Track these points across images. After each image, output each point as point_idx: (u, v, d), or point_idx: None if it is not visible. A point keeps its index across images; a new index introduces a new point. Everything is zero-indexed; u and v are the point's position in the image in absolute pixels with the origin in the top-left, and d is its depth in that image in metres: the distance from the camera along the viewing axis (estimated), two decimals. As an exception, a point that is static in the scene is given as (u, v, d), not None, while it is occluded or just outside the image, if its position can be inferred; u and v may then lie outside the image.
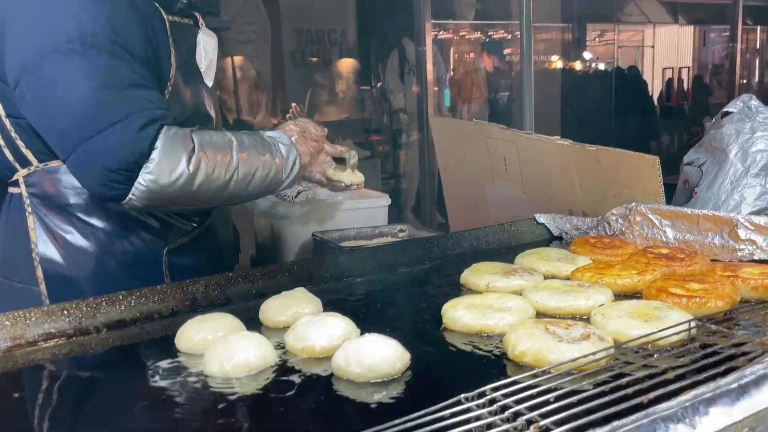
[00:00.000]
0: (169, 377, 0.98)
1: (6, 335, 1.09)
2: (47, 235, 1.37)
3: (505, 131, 1.87)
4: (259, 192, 1.44)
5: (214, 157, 1.32)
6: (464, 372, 0.97)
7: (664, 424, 0.66)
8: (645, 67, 11.65)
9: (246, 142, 1.39)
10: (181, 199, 1.32)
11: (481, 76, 7.93)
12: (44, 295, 1.38)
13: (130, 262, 1.41)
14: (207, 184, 1.32)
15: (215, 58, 1.54)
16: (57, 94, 1.23)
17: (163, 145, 1.25)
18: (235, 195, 1.39)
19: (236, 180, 1.36)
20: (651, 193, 1.48)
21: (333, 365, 0.95)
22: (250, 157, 1.38)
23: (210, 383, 0.95)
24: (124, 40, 1.28)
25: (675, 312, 1.03)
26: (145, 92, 1.28)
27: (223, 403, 0.90)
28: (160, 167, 1.25)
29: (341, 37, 6.75)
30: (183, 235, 1.50)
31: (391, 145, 6.98)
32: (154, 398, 0.93)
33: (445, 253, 1.57)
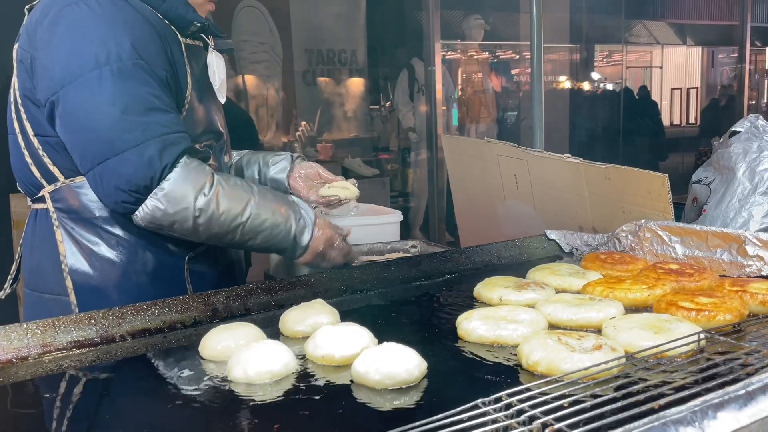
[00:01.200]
0: (192, 383, 1.02)
1: (36, 342, 1.13)
2: (75, 247, 1.42)
3: (516, 149, 1.91)
4: (258, 249, 1.48)
5: (225, 206, 1.36)
6: (479, 380, 1.00)
7: (674, 427, 0.69)
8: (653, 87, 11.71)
9: (266, 201, 1.42)
10: (182, 231, 1.37)
11: (489, 95, 8.01)
12: (74, 304, 1.42)
13: (154, 270, 1.46)
14: (209, 226, 1.37)
15: (225, 77, 1.60)
16: (81, 117, 1.31)
17: (178, 177, 1.32)
18: (239, 244, 1.44)
19: (242, 232, 1.40)
20: (660, 210, 1.51)
21: (352, 373, 0.99)
22: (263, 217, 1.41)
23: (233, 389, 0.98)
24: (147, 63, 1.35)
25: (684, 324, 1.06)
26: (163, 116, 1.34)
27: (246, 408, 0.93)
28: (168, 197, 1.31)
29: (351, 57, 6.84)
30: (201, 244, 1.53)
31: (399, 164, 7.04)
32: (178, 403, 0.96)
33: (458, 267, 1.61)
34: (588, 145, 8.23)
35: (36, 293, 1.48)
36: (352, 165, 6.57)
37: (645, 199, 1.54)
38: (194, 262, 1.52)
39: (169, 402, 0.97)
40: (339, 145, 6.72)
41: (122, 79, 1.30)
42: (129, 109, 1.30)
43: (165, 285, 1.45)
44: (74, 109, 1.31)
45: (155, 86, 1.35)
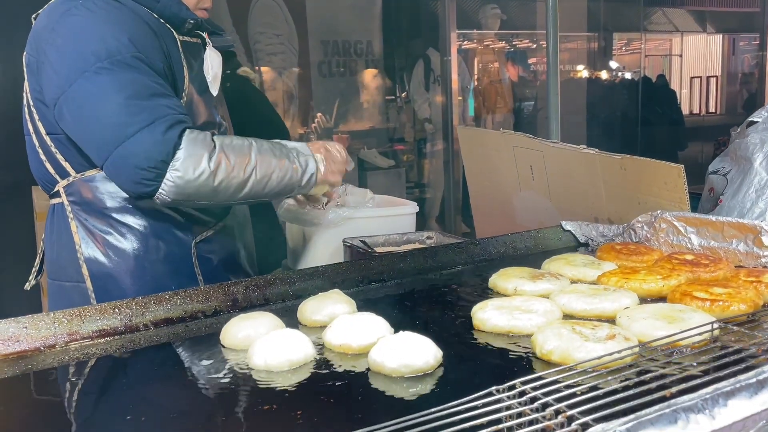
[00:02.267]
0: (214, 371, 1.05)
1: (63, 331, 1.17)
2: (89, 237, 1.51)
3: (532, 140, 1.91)
4: (277, 193, 1.54)
5: (234, 157, 1.43)
6: (494, 369, 1.02)
7: (684, 414, 0.70)
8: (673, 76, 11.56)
9: (265, 147, 1.50)
10: (205, 194, 1.43)
11: (505, 85, 7.96)
12: (90, 290, 1.51)
13: (164, 255, 1.55)
14: (227, 182, 1.43)
15: (219, 72, 1.65)
16: (91, 108, 1.38)
17: (187, 146, 1.38)
18: (254, 194, 1.49)
19: (254, 180, 1.46)
20: (676, 201, 1.51)
21: (369, 361, 1.01)
22: (268, 160, 1.48)
23: (254, 376, 1.01)
24: (145, 55, 1.43)
25: (698, 314, 1.07)
26: (167, 100, 1.42)
27: (266, 394, 0.96)
28: (185, 165, 1.37)
29: (367, 48, 6.84)
30: (208, 228, 1.63)
31: (415, 155, 7.04)
32: (200, 390, 0.99)
33: (473, 258, 1.62)
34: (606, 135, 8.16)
35: (57, 282, 1.56)
36: (367, 156, 6.59)
37: (661, 190, 1.54)
38: (201, 246, 1.60)
39: (192, 389, 1.00)
40: (355, 136, 6.73)
41: (123, 70, 1.38)
42: (133, 95, 1.37)
43: (174, 270, 1.55)
44: (81, 104, 1.38)
45: (155, 75, 1.43)
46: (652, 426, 0.68)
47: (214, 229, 1.64)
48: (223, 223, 1.67)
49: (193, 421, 0.91)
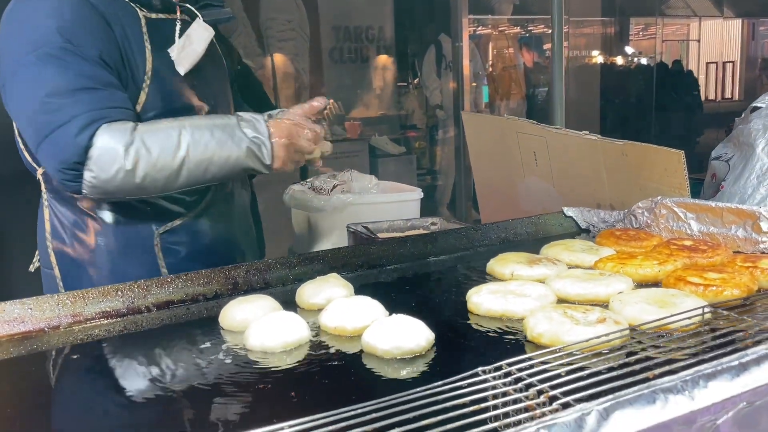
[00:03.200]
0: (212, 352, 1.07)
1: (67, 312, 1.20)
2: (58, 225, 1.54)
3: (535, 126, 1.91)
4: (225, 176, 1.48)
5: (157, 148, 1.37)
6: (484, 351, 1.04)
7: (663, 394, 0.71)
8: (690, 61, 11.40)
9: (202, 128, 1.41)
10: (133, 190, 1.39)
11: (519, 71, 7.91)
12: (58, 278, 1.53)
13: (125, 245, 1.52)
14: (154, 174, 1.37)
15: (200, 49, 1.54)
16: (15, 105, 1.40)
17: (100, 144, 1.33)
18: (195, 180, 1.43)
19: (189, 167, 1.40)
20: (676, 187, 1.51)
21: (362, 342, 1.03)
22: (204, 143, 1.40)
23: (250, 357, 1.04)
24: (75, 44, 1.37)
25: (691, 299, 1.07)
26: (90, 95, 1.36)
27: (261, 374, 0.98)
28: (98, 165, 1.34)
29: (379, 33, 6.82)
30: (174, 218, 1.56)
31: (427, 142, 7.04)
32: (199, 369, 1.02)
33: (473, 244, 1.63)
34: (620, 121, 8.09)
35: (42, 268, 1.60)
36: (379, 143, 6.59)
37: (661, 176, 1.54)
38: (166, 237, 1.55)
39: (190, 369, 1.02)
40: (366, 123, 6.73)
41: (47, 63, 1.35)
42: (53, 92, 1.34)
43: (136, 260, 1.51)
44: (10, 98, 1.40)
45: (86, 66, 1.38)
46: (631, 406, 0.70)
47: (182, 219, 1.57)
48: (193, 213, 1.59)
49: (188, 399, 0.93)
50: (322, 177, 2.39)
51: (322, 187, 2.34)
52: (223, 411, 0.89)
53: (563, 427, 0.66)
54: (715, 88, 9.40)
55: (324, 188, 2.33)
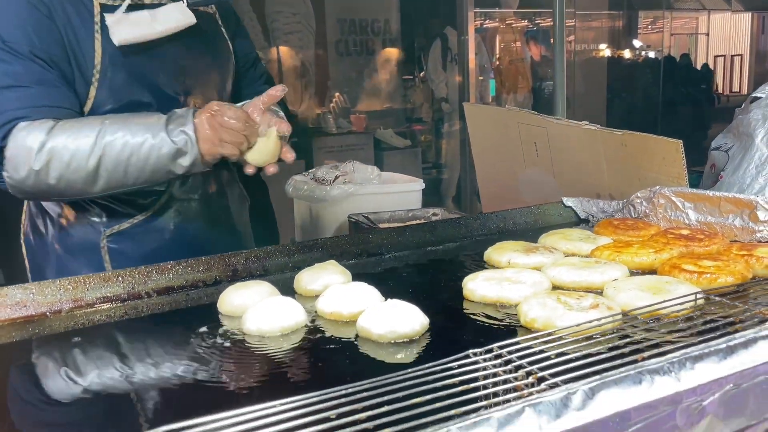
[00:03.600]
0: (211, 335, 1.09)
1: (68, 297, 1.22)
2: (29, 219, 1.57)
3: (535, 116, 1.92)
4: (148, 179, 1.37)
5: (71, 149, 1.30)
6: (478, 336, 1.05)
7: (650, 375, 0.72)
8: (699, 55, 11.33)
9: (122, 128, 1.33)
10: (48, 193, 1.35)
11: (526, 65, 7.88)
12: (28, 269, 1.57)
13: (73, 244, 1.50)
14: (69, 176, 1.31)
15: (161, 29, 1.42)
16: None
17: (12, 144, 1.30)
18: (117, 183, 1.35)
19: (106, 168, 1.32)
20: (674, 176, 1.51)
21: (357, 327, 1.04)
22: (120, 142, 1.32)
23: (247, 340, 1.05)
24: (5, 41, 1.32)
25: (684, 286, 1.08)
26: (15, 93, 1.32)
27: (258, 358, 1.00)
28: (10, 167, 1.31)
29: (384, 26, 6.81)
30: (122, 221, 1.51)
31: (432, 135, 7.04)
32: (197, 353, 1.03)
33: (472, 233, 1.64)
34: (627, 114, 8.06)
35: None
36: (384, 136, 6.60)
37: (660, 166, 1.55)
38: (114, 239, 1.50)
39: (189, 353, 1.04)
40: (372, 116, 6.74)
41: None
42: None
43: (83, 260, 1.49)
44: None
45: (15, 63, 1.33)
46: (616, 386, 0.71)
47: (132, 222, 1.51)
48: (143, 216, 1.52)
49: (184, 381, 0.95)
50: (324, 168, 2.41)
51: (324, 177, 2.36)
52: (219, 392, 0.91)
53: (549, 406, 0.67)
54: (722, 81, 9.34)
55: (326, 179, 2.34)
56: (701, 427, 0.75)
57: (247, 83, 1.77)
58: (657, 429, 0.71)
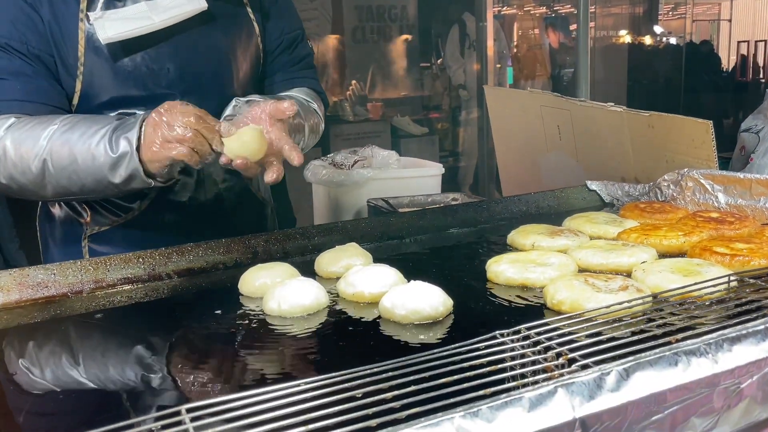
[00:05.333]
0: (231, 316, 1.08)
1: (89, 278, 1.22)
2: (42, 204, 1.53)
3: (559, 99, 1.88)
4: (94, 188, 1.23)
5: (20, 149, 1.20)
6: (503, 317, 1.03)
7: (686, 357, 0.70)
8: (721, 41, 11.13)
9: (72, 130, 1.21)
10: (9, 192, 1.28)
11: (545, 52, 7.79)
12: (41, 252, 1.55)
13: (57, 243, 1.47)
14: (18, 178, 1.22)
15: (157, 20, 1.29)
16: None
17: None
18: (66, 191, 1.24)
19: (52, 174, 1.21)
20: (704, 159, 1.48)
21: (380, 308, 1.02)
22: (68, 146, 1.19)
23: (268, 321, 1.04)
24: None
25: (716, 268, 1.05)
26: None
27: (279, 337, 0.98)
28: None
29: (401, 13, 6.75)
30: (103, 223, 1.43)
31: (450, 122, 6.98)
32: (218, 333, 1.02)
33: (494, 217, 1.62)
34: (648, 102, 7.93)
35: None
36: (401, 123, 6.56)
37: (688, 147, 1.51)
38: (95, 241, 1.43)
39: (210, 332, 1.03)
40: (389, 104, 6.69)
41: None
42: None
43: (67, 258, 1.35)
44: None
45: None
46: (651, 367, 0.68)
47: (113, 224, 1.42)
48: (122, 219, 1.42)
49: (206, 361, 0.94)
50: (343, 153, 2.39)
51: (342, 162, 2.34)
52: (241, 372, 0.90)
53: (582, 386, 0.65)
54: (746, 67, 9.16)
55: (345, 164, 2.32)
56: (738, 410, 0.73)
57: (281, 66, 1.59)
58: (693, 411, 0.69)
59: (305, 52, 1.64)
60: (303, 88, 1.61)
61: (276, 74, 1.59)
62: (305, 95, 1.58)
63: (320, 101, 1.64)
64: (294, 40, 1.61)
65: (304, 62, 1.64)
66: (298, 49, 1.62)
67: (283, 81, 1.59)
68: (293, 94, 1.55)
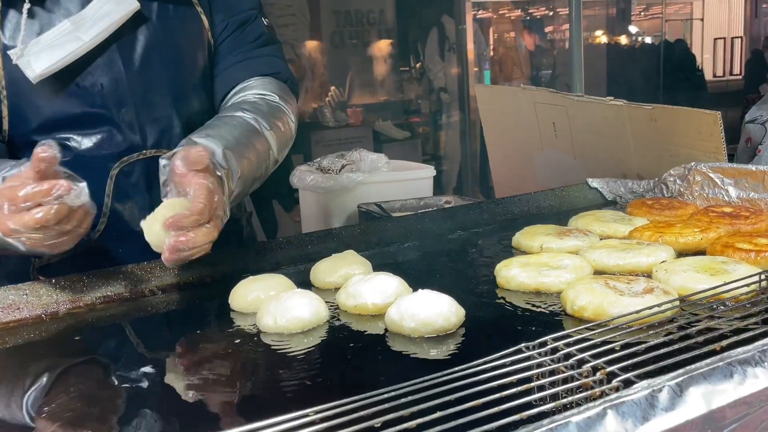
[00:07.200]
0: (223, 334, 0.99)
1: (65, 298, 1.12)
2: None
3: (554, 95, 1.82)
4: None
5: None
6: (520, 327, 0.95)
7: (741, 367, 0.62)
8: (694, 39, 11.24)
9: None
10: None
11: (522, 54, 7.79)
12: None
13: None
14: None
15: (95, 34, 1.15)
16: None
17: None
18: None
19: None
20: (712, 152, 1.42)
21: (386, 321, 0.94)
22: None
23: (264, 339, 0.95)
24: None
25: (743, 266, 0.98)
26: None
27: (277, 357, 0.89)
28: None
29: (380, 17, 6.70)
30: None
31: (431, 126, 6.93)
32: (210, 353, 0.93)
33: (494, 218, 1.54)
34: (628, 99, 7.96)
35: None
36: (383, 128, 6.50)
37: (694, 140, 1.45)
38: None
39: (200, 354, 0.94)
40: (369, 109, 6.62)
41: None
42: None
43: None
44: None
45: None
46: (705, 381, 0.61)
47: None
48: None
49: (199, 386, 0.85)
50: (330, 157, 2.30)
51: (330, 167, 2.25)
52: (239, 398, 0.81)
53: (633, 407, 0.57)
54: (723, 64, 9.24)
55: (332, 168, 2.24)
56: (799, 425, 0.65)
57: (231, 48, 1.41)
58: (754, 427, 0.61)
59: (260, 30, 1.44)
60: (265, 79, 1.40)
61: (227, 57, 1.41)
62: (267, 90, 1.38)
63: (287, 90, 1.45)
64: (244, 22, 1.43)
65: (260, 40, 1.44)
66: (251, 27, 1.43)
67: (236, 63, 1.39)
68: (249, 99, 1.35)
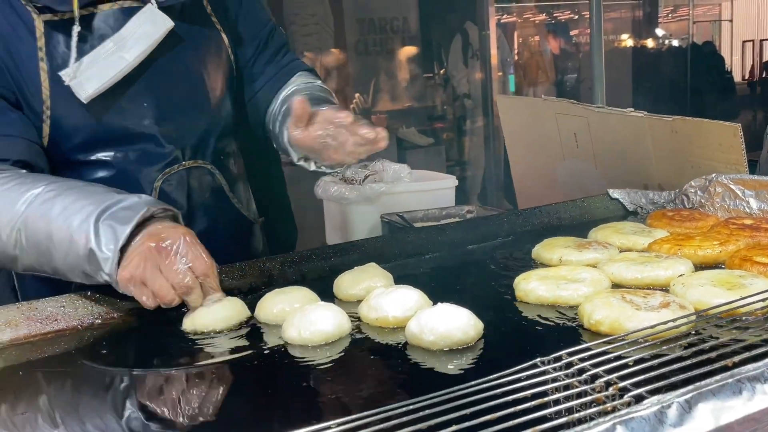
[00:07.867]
0: (250, 345, 1.02)
1: (100, 310, 1.16)
2: None
3: (575, 106, 1.83)
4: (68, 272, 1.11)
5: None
6: (538, 341, 0.97)
7: (750, 384, 0.64)
8: (723, 41, 11.08)
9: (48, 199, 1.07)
10: None
11: (546, 58, 7.76)
12: None
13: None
14: None
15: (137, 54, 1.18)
16: None
17: None
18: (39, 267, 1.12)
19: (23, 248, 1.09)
20: (733, 163, 1.42)
21: (407, 333, 0.97)
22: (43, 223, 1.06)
23: (289, 350, 0.98)
24: None
25: (761, 280, 0.99)
26: None
27: (301, 368, 0.93)
28: None
29: (403, 24, 6.74)
30: None
31: (455, 132, 6.94)
32: (237, 364, 0.97)
33: (515, 230, 1.56)
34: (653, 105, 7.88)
35: None
36: (407, 135, 6.52)
37: (715, 152, 1.45)
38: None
39: (228, 364, 0.98)
40: (393, 115, 6.66)
41: None
42: None
43: None
44: None
45: None
46: (714, 397, 0.62)
47: None
48: None
49: (223, 395, 0.89)
50: (353, 167, 2.33)
51: (353, 177, 2.29)
52: (265, 410, 0.84)
53: (642, 422, 0.59)
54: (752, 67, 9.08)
55: (355, 179, 2.27)
56: (809, 441, 0.67)
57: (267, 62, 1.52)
58: (762, 445, 0.63)
59: (282, 40, 1.57)
60: (302, 74, 1.54)
61: (264, 72, 1.51)
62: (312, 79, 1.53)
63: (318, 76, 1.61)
64: (269, 35, 1.53)
65: (285, 48, 1.58)
66: (275, 40, 1.55)
67: (277, 74, 1.50)
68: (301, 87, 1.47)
